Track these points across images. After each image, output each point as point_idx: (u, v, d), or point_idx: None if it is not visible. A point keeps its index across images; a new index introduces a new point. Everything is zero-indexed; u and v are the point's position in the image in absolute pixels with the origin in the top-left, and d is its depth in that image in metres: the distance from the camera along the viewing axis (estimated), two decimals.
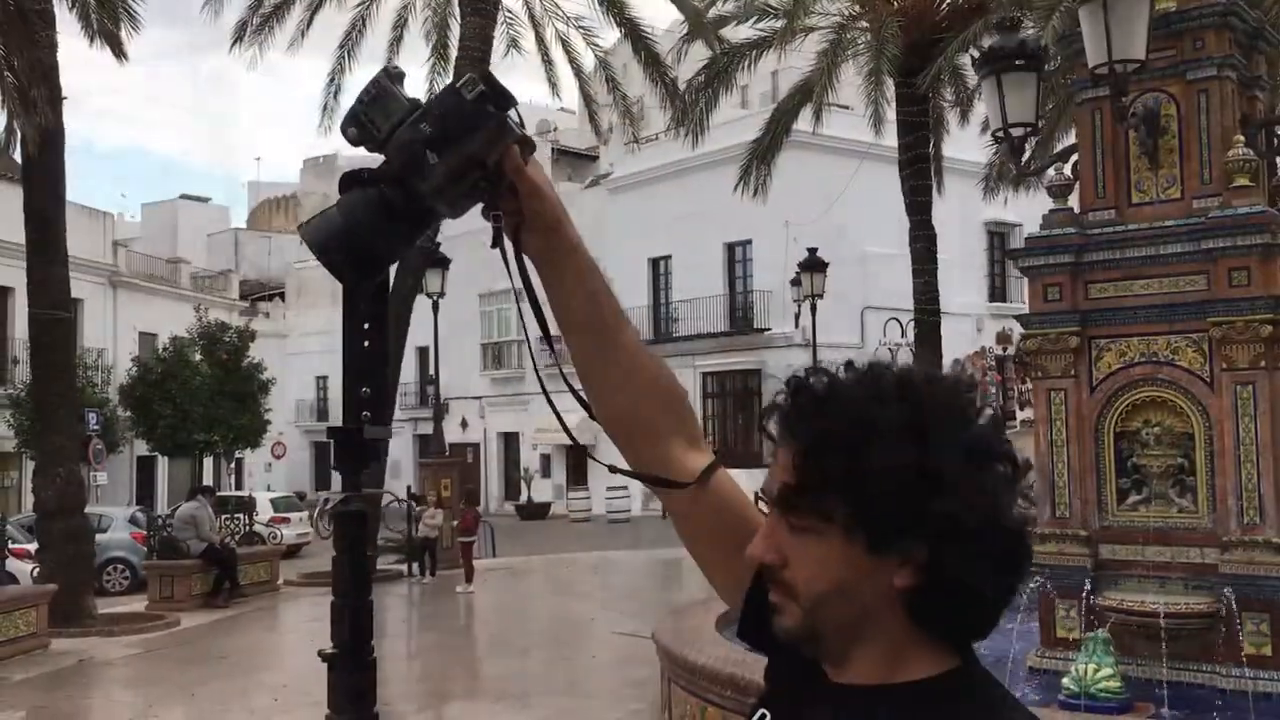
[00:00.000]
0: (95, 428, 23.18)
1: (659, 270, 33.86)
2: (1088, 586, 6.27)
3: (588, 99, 21.07)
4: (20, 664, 11.13)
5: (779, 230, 28.03)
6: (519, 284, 1.24)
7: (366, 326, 1.23)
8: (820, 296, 21.33)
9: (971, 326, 33.09)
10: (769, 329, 29.70)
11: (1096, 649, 5.79)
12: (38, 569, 13.86)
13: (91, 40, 14.00)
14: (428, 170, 1.16)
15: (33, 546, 14.55)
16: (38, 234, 13.59)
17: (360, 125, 1.18)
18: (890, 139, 18.80)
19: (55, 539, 13.39)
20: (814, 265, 21.15)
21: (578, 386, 1.28)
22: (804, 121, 20.72)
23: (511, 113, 1.18)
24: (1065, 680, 5.81)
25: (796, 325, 26.20)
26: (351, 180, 1.19)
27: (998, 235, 33.12)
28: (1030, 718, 1.12)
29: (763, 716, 1.18)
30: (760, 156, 20.14)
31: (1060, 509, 6.76)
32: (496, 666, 10.88)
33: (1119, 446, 6.61)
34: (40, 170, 13.44)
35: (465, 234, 19.41)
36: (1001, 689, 1.13)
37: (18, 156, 14.92)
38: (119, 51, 14.14)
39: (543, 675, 10.48)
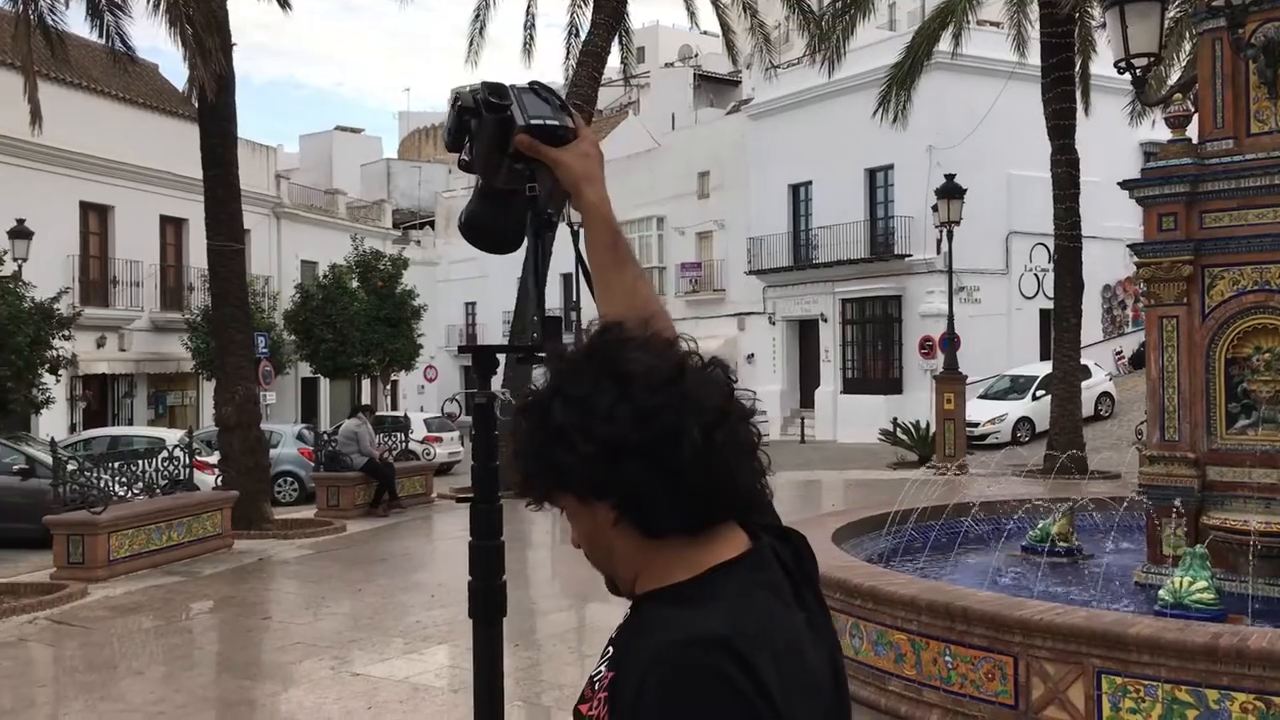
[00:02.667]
0: (264, 350, 24.75)
1: (799, 196, 33.70)
2: (1178, 504, 6.49)
3: (725, 26, 21.15)
4: (209, 560, 12.49)
5: (921, 155, 27.64)
6: (576, 246, 1.65)
7: (535, 269, 1.70)
8: (957, 223, 21.03)
9: (1124, 251, 32.03)
10: (910, 255, 29.43)
11: (1193, 563, 6.04)
12: (220, 478, 15.15)
13: None
14: (471, 164, 1.59)
15: (213, 459, 15.82)
16: (213, 172, 14.69)
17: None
18: (1038, 57, 18.36)
19: (235, 451, 14.69)
20: (951, 192, 20.84)
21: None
22: (946, 43, 20.40)
23: (531, 108, 1.51)
24: (1161, 592, 6.08)
25: (938, 251, 25.92)
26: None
27: (1153, 156, 31.80)
28: (751, 623, 1.16)
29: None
30: (900, 82, 19.94)
31: (1170, 433, 6.95)
32: None
33: (1229, 372, 6.75)
34: (214, 113, 14.46)
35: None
36: (747, 596, 1.20)
37: (194, 100, 15.98)
38: (284, 2, 14.95)
39: None
